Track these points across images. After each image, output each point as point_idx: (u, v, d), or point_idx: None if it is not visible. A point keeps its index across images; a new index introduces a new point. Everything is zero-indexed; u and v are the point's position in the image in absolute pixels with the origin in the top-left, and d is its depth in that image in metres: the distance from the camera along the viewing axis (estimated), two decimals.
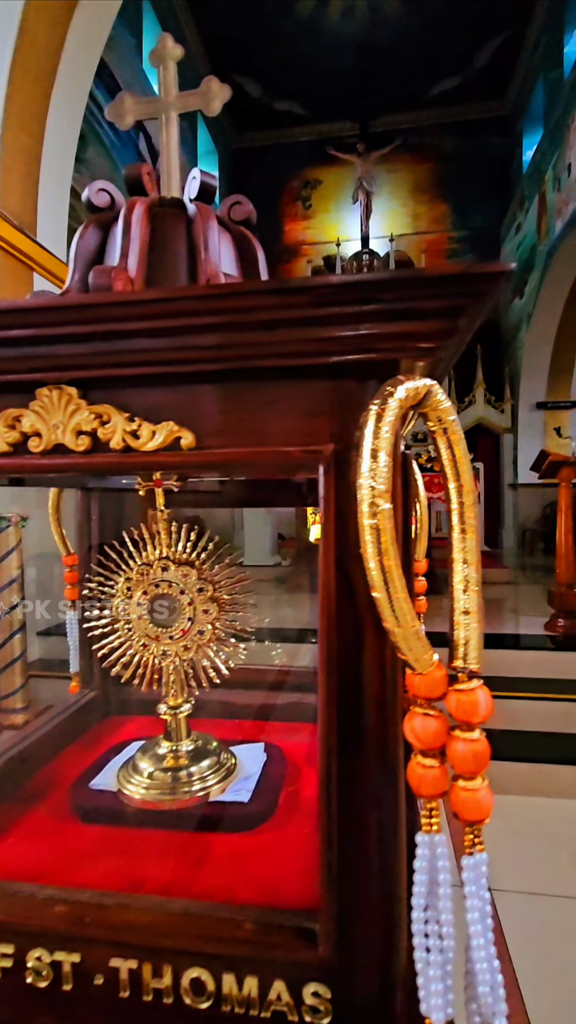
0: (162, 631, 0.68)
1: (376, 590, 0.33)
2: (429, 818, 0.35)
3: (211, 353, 0.36)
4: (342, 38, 8.19)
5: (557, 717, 2.86)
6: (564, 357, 7.65)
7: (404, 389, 0.34)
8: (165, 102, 0.67)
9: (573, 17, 6.77)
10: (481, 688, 0.35)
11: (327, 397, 0.38)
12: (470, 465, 0.39)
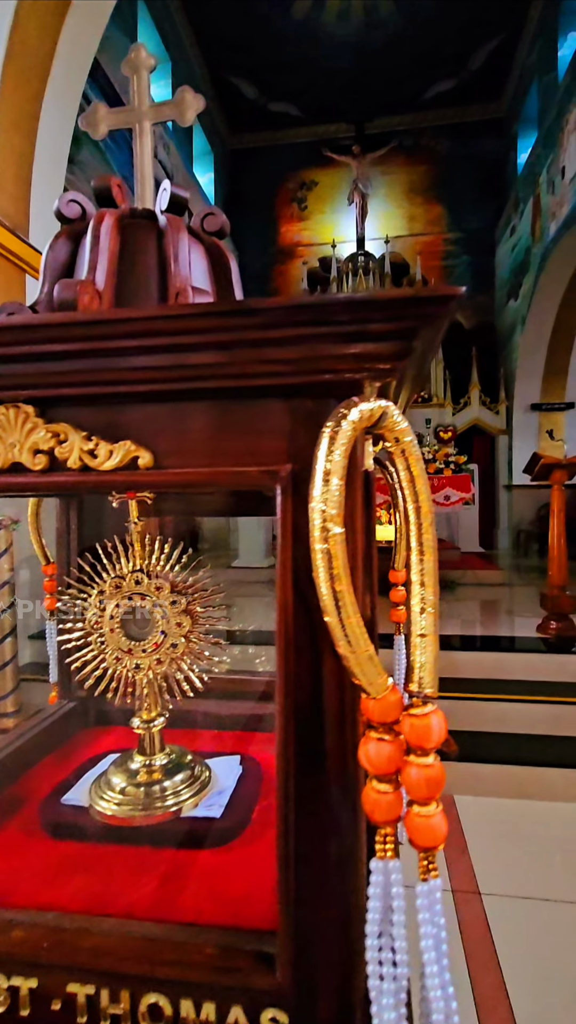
0: (135, 644, 0.67)
1: (328, 615, 0.33)
2: (383, 844, 0.34)
3: (166, 373, 0.35)
4: (338, 40, 8.21)
5: (548, 720, 2.87)
6: (558, 359, 7.67)
7: (358, 411, 0.34)
8: (139, 112, 0.67)
9: (567, 21, 6.80)
10: (435, 713, 0.34)
11: (285, 417, 0.38)
12: (428, 486, 0.38)
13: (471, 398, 8.56)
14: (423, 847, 0.33)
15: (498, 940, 1.83)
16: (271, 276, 10.04)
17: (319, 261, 9.65)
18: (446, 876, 2.12)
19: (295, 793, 0.38)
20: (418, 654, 0.36)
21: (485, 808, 2.57)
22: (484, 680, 3.18)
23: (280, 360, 0.35)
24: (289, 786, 0.38)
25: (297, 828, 0.38)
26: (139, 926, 0.43)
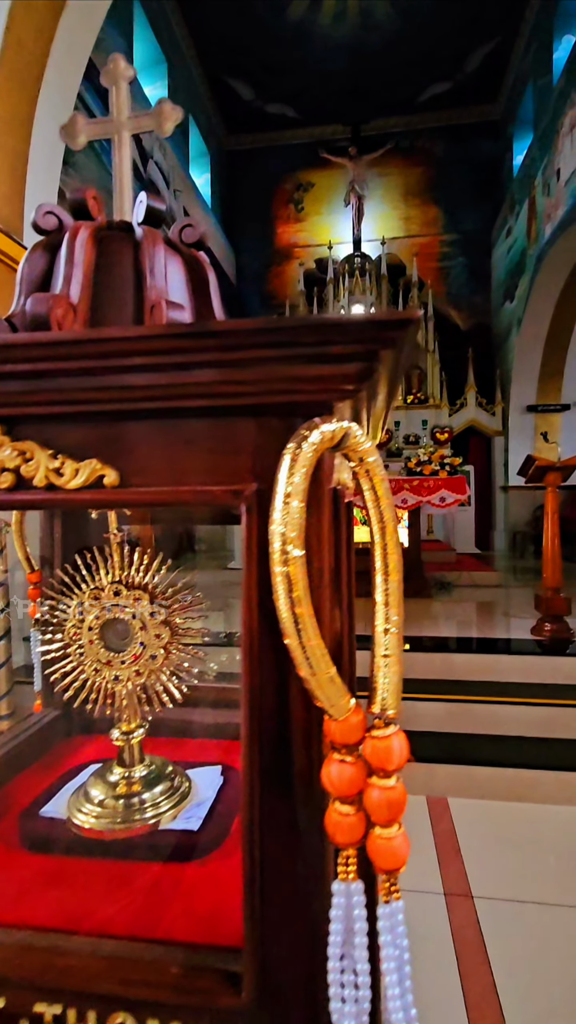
0: (114, 656, 0.67)
1: (288, 637, 0.33)
2: (345, 866, 0.34)
3: (130, 393, 0.35)
4: (334, 42, 8.22)
5: (542, 722, 2.87)
6: (554, 361, 7.69)
7: (319, 433, 0.34)
8: (118, 123, 0.67)
9: (562, 24, 6.82)
10: (397, 735, 0.34)
11: (250, 436, 0.38)
12: (394, 506, 0.38)
13: (467, 399, 8.58)
14: (385, 869, 0.33)
15: (489, 943, 1.83)
16: (267, 277, 10.04)
17: (315, 262, 9.66)
18: (438, 879, 2.12)
19: (260, 813, 0.38)
20: (381, 675, 0.36)
21: (479, 810, 2.57)
22: (478, 682, 3.19)
23: (243, 381, 0.35)
24: (254, 806, 0.38)
25: (263, 848, 0.38)
26: (109, 944, 0.43)
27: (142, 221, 0.60)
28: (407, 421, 8.35)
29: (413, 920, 1.98)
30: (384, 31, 8.05)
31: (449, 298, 9.46)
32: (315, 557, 0.39)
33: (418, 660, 3.37)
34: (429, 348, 8.43)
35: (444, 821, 2.49)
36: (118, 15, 6.08)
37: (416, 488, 4.82)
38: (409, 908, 1.51)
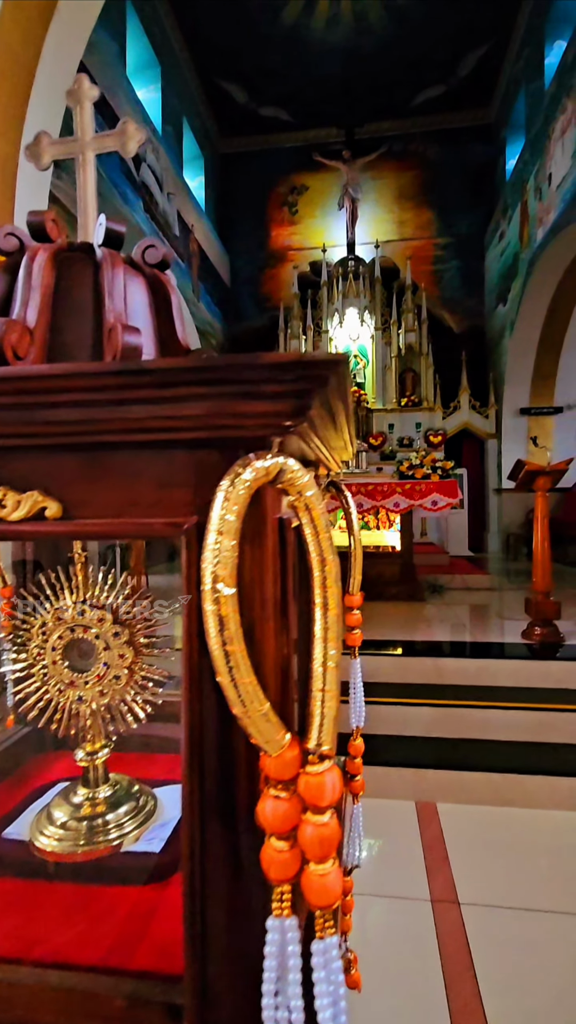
0: (78, 676, 0.67)
1: (220, 676, 0.33)
2: (280, 902, 0.34)
3: (66, 428, 0.35)
4: (327, 46, 8.24)
5: (531, 726, 2.88)
6: (547, 364, 7.73)
7: (252, 470, 0.34)
8: (82, 143, 0.67)
9: (553, 29, 6.86)
10: (331, 771, 0.34)
11: (190, 470, 0.38)
12: (332, 540, 0.38)
13: (461, 402, 8.60)
14: (317, 905, 0.33)
15: (475, 950, 1.84)
16: (262, 280, 10.05)
17: (310, 265, 9.68)
18: (425, 886, 2.12)
19: (201, 847, 0.38)
20: (318, 710, 0.36)
21: (467, 816, 2.58)
22: (468, 687, 3.19)
23: (178, 417, 0.35)
24: (195, 840, 0.38)
25: (203, 881, 0.38)
26: (55, 974, 0.43)
27: (101, 243, 0.60)
28: (401, 424, 8.37)
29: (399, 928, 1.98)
30: (377, 35, 8.08)
31: (443, 301, 9.49)
32: (258, 589, 0.39)
33: (409, 664, 3.37)
34: (423, 351, 8.45)
35: (433, 826, 2.50)
36: (110, 18, 6.09)
37: (408, 492, 4.83)
38: (395, 916, 1.53)
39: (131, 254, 0.66)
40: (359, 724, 0.86)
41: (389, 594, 4.86)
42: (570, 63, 5.99)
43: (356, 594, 0.86)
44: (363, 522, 5.17)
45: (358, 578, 0.86)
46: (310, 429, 0.43)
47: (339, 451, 0.73)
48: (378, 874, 2.26)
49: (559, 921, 1.94)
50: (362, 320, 8.69)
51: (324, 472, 0.88)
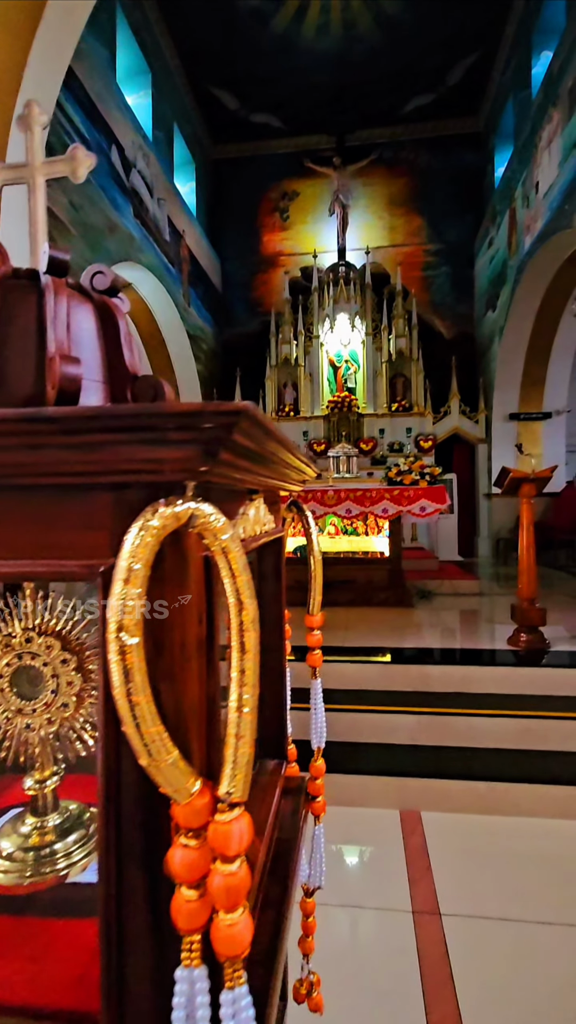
0: (25, 703, 0.66)
1: (125, 726, 0.33)
2: (189, 951, 0.34)
3: None
4: (317, 54, 8.30)
5: (515, 734, 2.88)
6: (536, 370, 7.79)
7: (159, 518, 0.34)
8: (31, 168, 0.67)
9: (540, 40, 6.94)
10: (239, 819, 0.34)
11: (108, 512, 0.38)
12: (251, 584, 0.38)
13: (451, 407, 8.65)
14: (226, 955, 0.33)
15: (455, 963, 1.83)
16: (253, 285, 10.07)
17: (301, 271, 9.72)
18: (407, 897, 2.12)
19: (117, 892, 0.38)
20: (230, 756, 0.36)
21: (451, 825, 2.58)
22: (454, 694, 3.19)
23: (88, 462, 0.35)
24: (111, 884, 0.38)
25: (120, 930, 0.38)
26: None
27: (45, 270, 0.60)
28: (391, 429, 8.40)
29: (380, 940, 1.97)
30: (367, 44, 8.15)
31: (433, 307, 9.54)
32: (178, 631, 0.39)
33: (395, 672, 3.37)
34: (413, 357, 8.49)
35: (416, 836, 2.49)
36: (100, 25, 6.10)
37: (397, 498, 4.84)
38: (376, 928, 1.52)
39: (80, 280, 0.66)
40: (320, 744, 0.86)
41: (378, 600, 4.87)
42: (556, 73, 6.07)
43: (316, 614, 0.86)
44: (352, 528, 5.18)
45: (318, 599, 0.86)
46: (244, 467, 0.43)
47: (293, 476, 0.73)
48: (360, 885, 2.26)
49: (540, 931, 1.94)
50: (353, 325, 8.73)
51: (285, 493, 0.88)
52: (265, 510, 0.67)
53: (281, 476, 0.65)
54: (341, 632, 4.12)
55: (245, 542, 0.59)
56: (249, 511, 0.60)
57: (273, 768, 0.82)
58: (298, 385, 8.76)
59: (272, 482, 0.70)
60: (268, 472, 0.57)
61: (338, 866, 2.33)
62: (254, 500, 0.63)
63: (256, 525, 0.62)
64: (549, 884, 2.16)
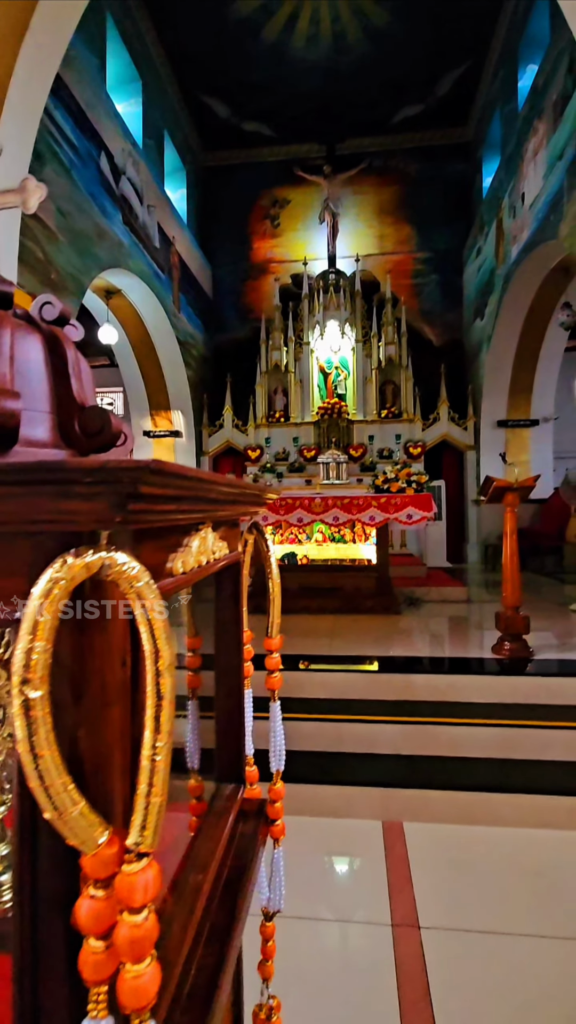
0: None
1: (30, 781, 0.33)
2: (96, 1003, 0.34)
3: None
4: (308, 63, 8.37)
5: (497, 743, 2.89)
6: (523, 378, 7.86)
7: (68, 569, 0.34)
8: None
9: (525, 53, 7.05)
10: (146, 870, 0.34)
11: (24, 559, 0.38)
12: (168, 629, 0.39)
13: (440, 414, 8.71)
14: (130, 1008, 0.33)
15: (432, 976, 1.83)
16: (244, 291, 10.11)
17: (291, 278, 9.76)
18: (387, 910, 2.11)
19: (31, 942, 0.38)
20: (141, 806, 0.36)
21: (434, 835, 2.57)
22: (438, 703, 3.20)
23: (2, 512, 0.35)
24: (25, 935, 0.38)
25: (34, 979, 0.38)
26: None
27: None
28: (381, 435, 8.44)
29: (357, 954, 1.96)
30: (356, 54, 8.23)
31: (422, 314, 9.62)
32: (97, 675, 0.39)
33: (380, 680, 3.38)
34: (403, 363, 8.55)
35: (398, 847, 2.49)
36: (90, 33, 6.12)
37: (383, 505, 4.86)
38: (355, 941, 1.52)
39: (28, 310, 0.66)
40: (279, 768, 0.86)
41: (365, 607, 4.88)
42: (541, 86, 6.16)
43: (275, 637, 0.86)
44: (339, 535, 5.19)
45: (276, 621, 0.86)
46: (169, 510, 0.43)
47: (244, 503, 0.73)
48: (340, 898, 2.25)
49: (519, 943, 1.94)
50: (343, 332, 8.77)
51: (245, 518, 0.88)
52: (215, 538, 0.67)
53: (226, 506, 0.66)
54: (327, 640, 4.12)
55: (188, 574, 0.59)
56: (193, 543, 0.60)
57: (230, 793, 0.82)
58: (288, 391, 8.78)
59: (223, 512, 0.70)
60: (206, 507, 0.57)
61: (319, 879, 2.33)
62: (200, 530, 0.63)
63: (202, 555, 0.63)
64: (528, 896, 2.16)
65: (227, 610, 0.83)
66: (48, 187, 3.25)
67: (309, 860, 2.40)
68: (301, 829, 2.62)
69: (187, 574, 0.59)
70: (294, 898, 2.24)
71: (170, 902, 0.61)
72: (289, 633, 4.47)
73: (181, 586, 0.59)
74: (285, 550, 5.27)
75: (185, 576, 0.58)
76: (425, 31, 7.76)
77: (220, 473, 9.06)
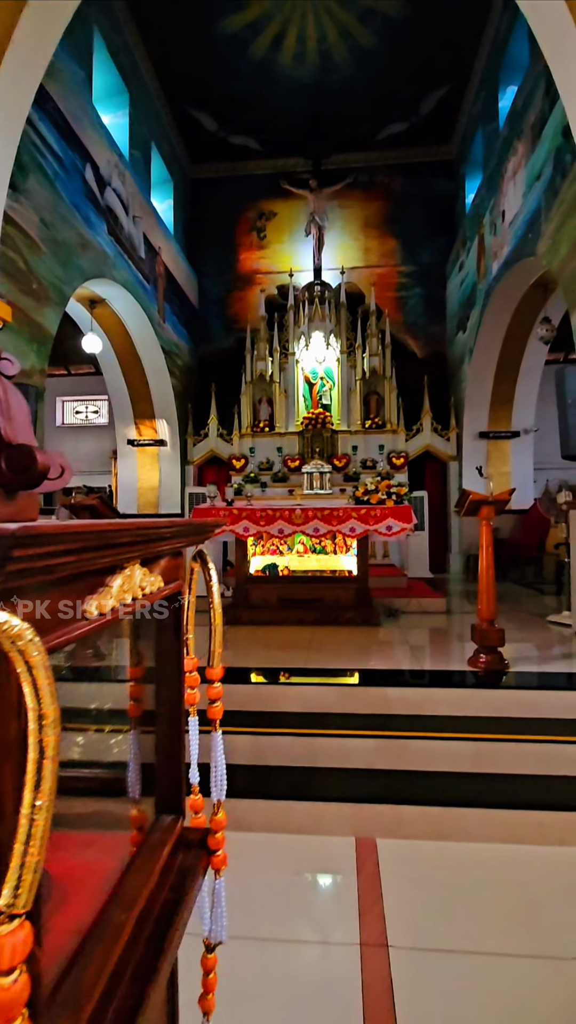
0: None
1: None
2: None
3: None
4: (294, 81, 8.49)
5: (470, 757, 2.90)
6: (504, 390, 7.98)
7: None
8: None
9: (506, 75, 7.22)
10: (16, 932, 0.34)
11: None
12: (51, 685, 0.39)
13: (423, 425, 8.80)
14: None
15: (399, 996, 1.81)
16: (230, 301, 10.16)
17: (277, 289, 9.84)
18: (356, 929, 2.10)
19: None
20: (16, 863, 0.36)
21: (405, 852, 2.56)
22: (412, 716, 3.20)
23: None
24: None
25: None
26: None
27: None
28: (365, 445, 8.50)
29: (324, 976, 1.94)
30: (342, 73, 8.37)
31: (406, 327, 9.74)
32: None
33: (354, 694, 3.38)
34: (387, 375, 8.63)
35: (370, 864, 2.48)
36: (77, 46, 6.16)
37: (364, 517, 4.89)
38: (322, 962, 1.50)
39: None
40: (220, 798, 0.86)
41: (344, 619, 4.89)
42: (520, 108, 6.31)
43: (216, 667, 0.86)
44: (320, 546, 5.20)
45: (218, 651, 0.86)
46: (65, 562, 0.44)
47: (189, 537, 0.74)
48: (309, 918, 2.23)
49: (486, 962, 1.94)
50: (328, 343, 8.85)
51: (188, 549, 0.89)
52: (144, 574, 0.68)
53: (157, 544, 0.66)
54: (304, 652, 4.12)
55: (110, 614, 0.60)
56: (115, 582, 0.61)
57: (168, 825, 0.82)
58: (273, 401, 8.82)
59: (158, 547, 0.71)
60: (122, 550, 0.58)
61: (288, 898, 2.31)
62: (125, 568, 0.64)
63: (127, 593, 0.63)
64: (499, 914, 2.16)
65: (166, 640, 0.84)
66: (29, 198, 3.31)
67: (279, 879, 2.38)
68: (273, 847, 2.60)
69: (107, 615, 0.59)
70: (261, 919, 2.22)
71: (90, 942, 0.60)
72: (269, 646, 4.46)
73: (103, 626, 0.60)
74: (266, 561, 5.26)
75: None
76: (409, 52, 7.93)
77: (205, 481, 9.04)
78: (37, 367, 5.01)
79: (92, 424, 12.33)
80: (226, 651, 4.36)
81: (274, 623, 4.86)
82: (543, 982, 1.82)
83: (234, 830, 2.76)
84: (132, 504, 8.83)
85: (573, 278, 4.48)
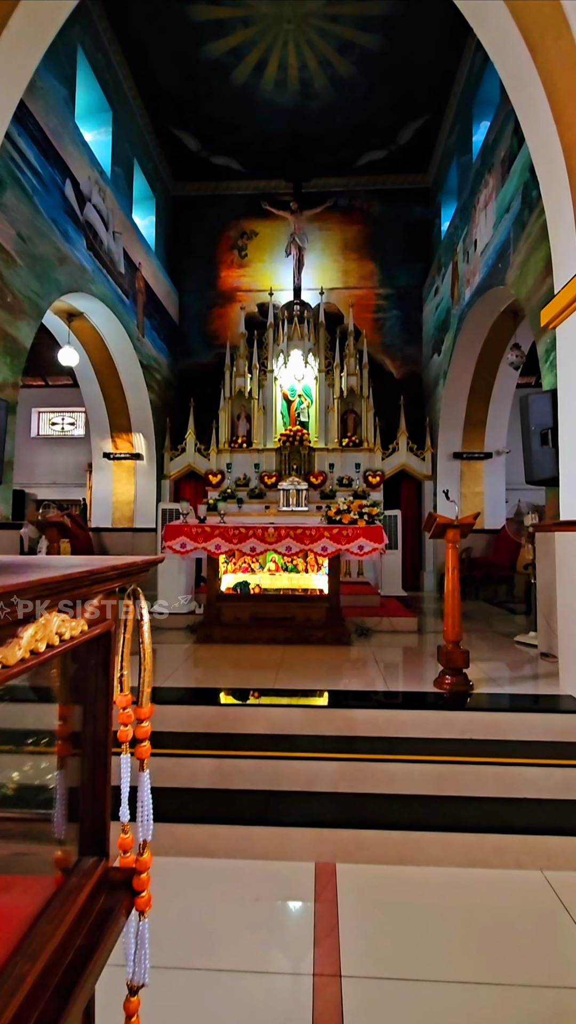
0: None
1: None
2: None
3: None
4: (276, 105, 8.70)
5: (432, 780, 2.91)
6: (477, 412, 8.17)
7: None
8: None
9: (479, 111, 7.52)
10: None
11: None
12: None
13: (399, 444, 8.94)
14: None
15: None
16: (210, 318, 10.24)
17: (257, 307, 9.96)
18: (309, 959, 2.07)
19: None
20: None
21: (364, 877, 2.55)
22: (377, 738, 3.21)
23: None
24: None
25: None
26: None
27: None
28: (342, 463, 8.58)
29: (274, 1008, 1.91)
30: (323, 100, 8.61)
31: (383, 347, 9.93)
32: None
33: (320, 716, 3.37)
34: (364, 394, 8.77)
35: (328, 890, 2.46)
36: (60, 65, 6.23)
37: (336, 536, 4.93)
38: (273, 994, 1.48)
39: None
40: (146, 838, 0.85)
41: (315, 638, 4.89)
42: (491, 143, 6.56)
43: (146, 706, 0.87)
44: (292, 565, 5.21)
45: (147, 690, 0.87)
46: None
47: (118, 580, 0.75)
48: (263, 948, 2.19)
49: (444, 991, 1.92)
50: (306, 362, 8.96)
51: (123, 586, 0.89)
52: (62, 620, 0.69)
53: (73, 591, 0.67)
54: (274, 672, 4.10)
55: (20, 663, 0.60)
56: (26, 632, 0.61)
57: (89, 867, 0.82)
58: (251, 417, 8.87)
59: (78, 592, 0.72)
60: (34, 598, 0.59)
61: (242, 928, 2.27)
62: (40, 618, 0.64)
63: (40, 642, 0.64)
64: (455, 939, 2.16)
65: (92, 680, 0.84)
66: (7, 213, 3.32)
67: (237, 907, 2.35)
68: (234, 873, 2.57)
69: (16, 664, 0.59)
70: (218, 949, 2.18)
71: None
72: (238, 665, 4.43)
73: (12, 676, 0.60)
74: (238, 579, 5.25)
75: (15, 667, 0.59)
76: (387, 84, 8.21)
77: (184, 496, 9.00)
78: (10, 380, 4.97)
79: (68, 436, 12.21)
80: (195, 670, 4.32)
81: (245, 641, 4.84)
82: (500, 1008, 1.82)
83: (196, 856, 2.72)
84: (107, 518, 8.73)
85: (539, 308, 4.64)
